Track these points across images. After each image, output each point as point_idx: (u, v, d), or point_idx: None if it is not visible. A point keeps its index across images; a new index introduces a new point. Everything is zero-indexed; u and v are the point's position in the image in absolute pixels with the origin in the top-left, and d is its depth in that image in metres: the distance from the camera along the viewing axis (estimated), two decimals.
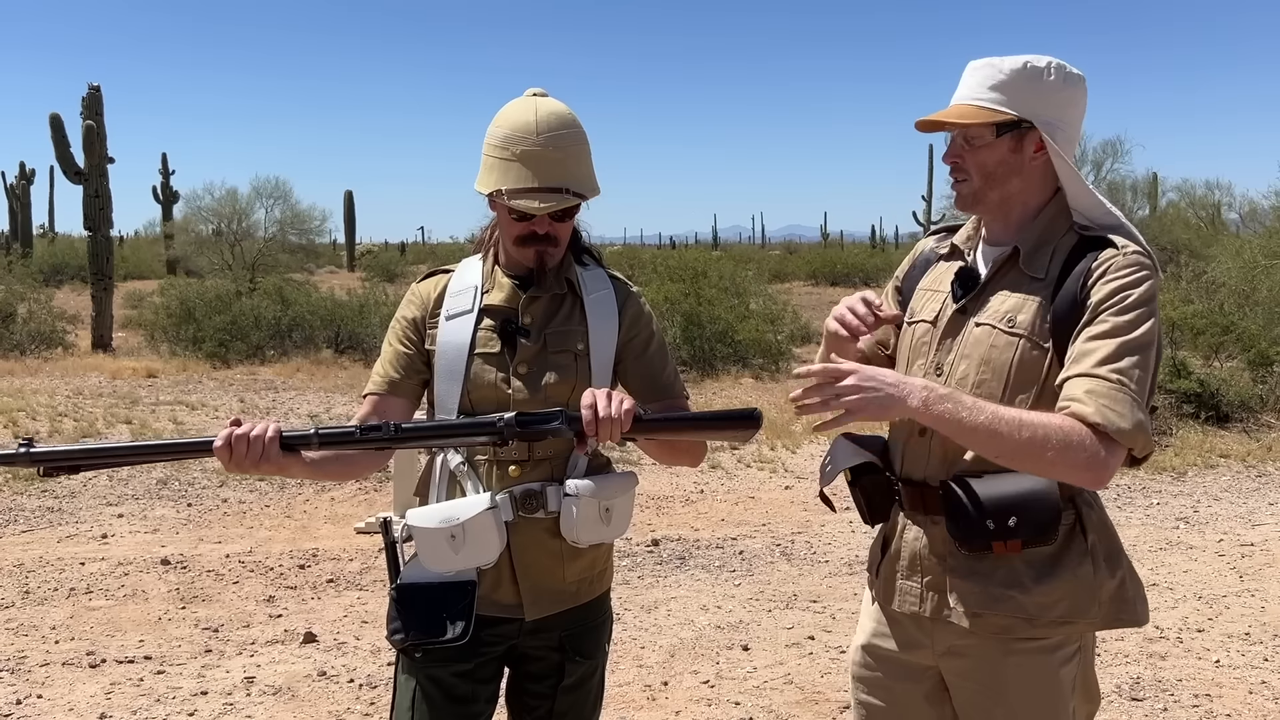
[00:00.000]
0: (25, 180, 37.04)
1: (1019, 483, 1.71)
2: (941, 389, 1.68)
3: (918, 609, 1.86)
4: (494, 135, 1.96)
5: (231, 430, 1.78)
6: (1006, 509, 1.70)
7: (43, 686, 3.96)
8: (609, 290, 2.06)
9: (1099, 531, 1.79)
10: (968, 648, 1.82)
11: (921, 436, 1.85)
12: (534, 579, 1.96)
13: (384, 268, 37.53)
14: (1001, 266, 1.83)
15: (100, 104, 17.25)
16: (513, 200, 1.91)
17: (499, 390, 1.96)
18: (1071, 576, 1.75)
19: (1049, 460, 1.62)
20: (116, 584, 5.19)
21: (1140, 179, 27.57)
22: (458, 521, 1.86)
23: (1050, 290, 1.76)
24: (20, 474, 7.32)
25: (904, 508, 1.89)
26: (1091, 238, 1.77)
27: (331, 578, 5.32)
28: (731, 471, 7.82)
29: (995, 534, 1.71)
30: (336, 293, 17.29)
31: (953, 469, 1.80)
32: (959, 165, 1.84)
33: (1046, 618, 1.75)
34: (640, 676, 4.07)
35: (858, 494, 1.94)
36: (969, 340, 1.81)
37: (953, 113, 1.81)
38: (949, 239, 2.00)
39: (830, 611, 4.81)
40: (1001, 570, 1.76)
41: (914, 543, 1.87)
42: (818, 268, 36.44)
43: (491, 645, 1.97)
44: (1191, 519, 6.44)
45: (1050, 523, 1.71)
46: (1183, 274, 14.78)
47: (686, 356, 12.93)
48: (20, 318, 15.71)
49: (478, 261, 2.07)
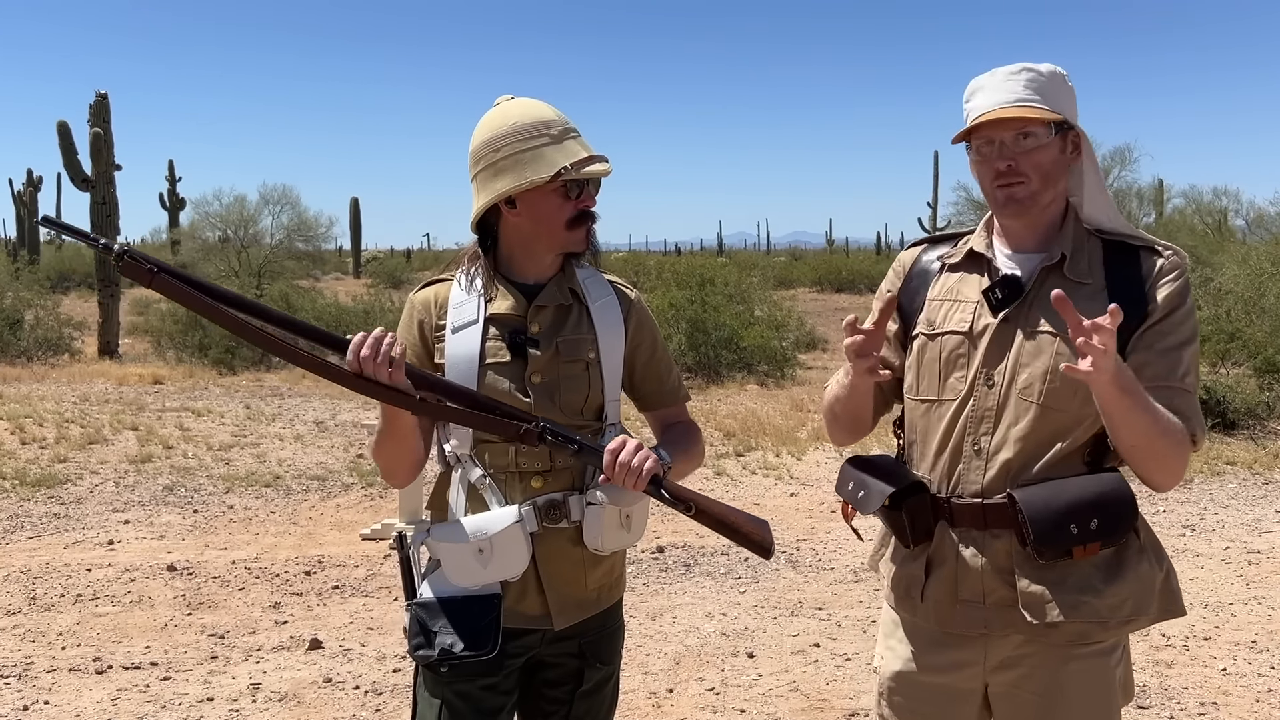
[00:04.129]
0: (33, 187, 37.15)
1: (1090, 485, 1.73)
2: (1131, 375, 1.65)
3: (985, 629, 1.82)
4: (514, 133, 1.92)
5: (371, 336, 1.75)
6: (1088, 511, 1.71)
7: (49, 692, 3.97)
8: (612, 297, 2.06)
9: (1144, 528, 1.82)
10: (1023, 657, 1.81)
11: (977, 453, 1.81)
12: (559, 588, 1.96)
13: (389, 274, 37.58)
14: (1042, 273, 1.81)
15: (108, 111, 17.33)
16: (583, 169, 1.91)
17: (515, 400, 1.94)
18: (1134, 575, 1.77)
19: (1172, 456, 1.69)
20: (123, 590, 5.20)
21: (1146, 186, 27.54)
22: (486, 535, 1.86)
23: (1101, 294, 1.75)
24: (28, 479, 7.35)
25: (953, 525, 1.83)
26: (1115, 242, 1.81)
27: (337, 584, 5.32)
28: (737, 479, 7.82)
29: (1077, 538, 1.71)
30: (342, 299, 17.34)
31: (1015, 482, 1.78)
32: (1013, 168, 1.79)
33: (1116, 618, 1.77)
34: (645, 684, 4.07)
35: (900, 518, 1.86)
36: (1025, 350, 1.79)
37: (1014, 110, 1.77)
38: (939, 248, 1.98)
39: (836, 619, 4.80)
40: (1073, 576, 1.75)
41: (973, 560, 1.82)
42: (823, 274, 36.47)
43: (515, 657, 1.96)
44: (1198, 526, 6.43)
45: (1128, 520, 1.74)
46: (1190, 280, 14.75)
47: (691, 363, 12.94)
48: (27, 324, 15.75)
49: (470, 276, 2.02)
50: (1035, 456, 1.77)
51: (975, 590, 1.81)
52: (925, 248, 2.02)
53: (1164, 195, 28.55)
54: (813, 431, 9.29)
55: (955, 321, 1.87)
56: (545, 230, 1.97)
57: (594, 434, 1.99)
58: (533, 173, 1.91)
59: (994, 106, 1.79)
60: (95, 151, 17.08)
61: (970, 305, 1.86)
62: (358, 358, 1.73)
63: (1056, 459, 1.76)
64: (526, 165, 1.91)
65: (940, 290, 1.93)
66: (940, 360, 1.87)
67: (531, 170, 1.91)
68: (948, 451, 1.84)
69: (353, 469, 7.94)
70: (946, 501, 1.83)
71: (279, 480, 7.62)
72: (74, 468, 7.90)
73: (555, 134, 1.93)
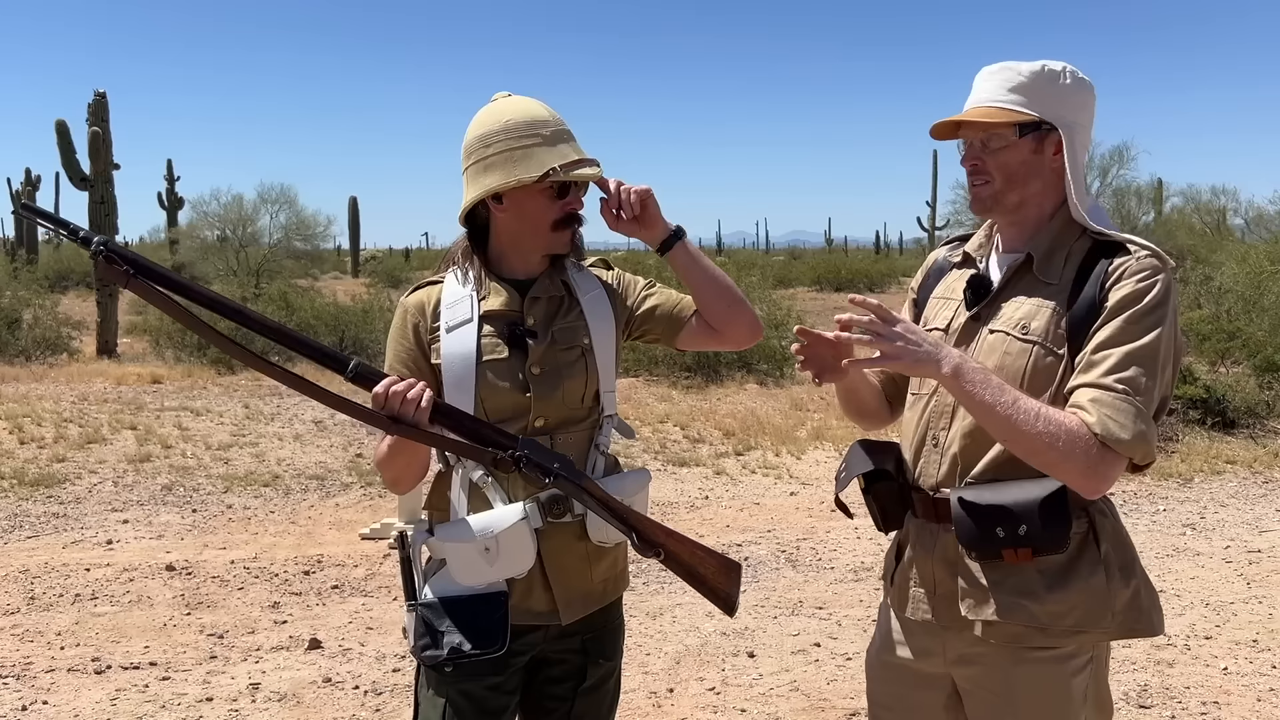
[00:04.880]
0: (31, 186, 37.11)
1: (1028, 490, 1.70)
2: (974, 363, 1.69)
3: (930, 616, 1.86)
4: (506, 130, 1.93)
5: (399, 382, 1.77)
6: (1016, 516, 1.69)
7: (48, 693, 3.96)
8: (600, 290, 2.08)
9: (1112, 541, 1.78)
10: (979, 655, 1.81)
11: (934, 446, 1.85)
12: (566, 583, 1.96)
13: (388, 273, 37.60)
14: (1015, 273, 1.83)
15: (106, 110, 17.31)
16: (571, 172, 1.92)
17: (515, 395, 1.94)
18: (1084, 586, 1.74)
19: (1053, 458, 1.63)
20: (122, 590, 5.19)
21: (1145, 185, 27.57)
22: (492, 534, 1.85)
23: (1065, 296, 1.75)
24: (26, 478, 7.34)
25: (916, 515, 1.89)
26: (1105, 242, 1.77)
27: (336, 584, 5.31)
28: (736, 478, 7.81)
29: (1005, 541, 1.70)
30: (340, 298, 17.31)
31: (964, 478, 1.80)
32: (979, 168, 1.83)
33: (1059, 627, 1.74)
34: (646, 683, 4.06)
35: (871, 501, 1.95)
36: (983, 347, 1.81)
37: (975, 114, 1.81)
38: (960, 247, 2.00)
39: (836, 619, 4.79)
40: (1013, 578, 1.75)
41: (926, 550, 1.87)
42: (822, 273, 36.43)
43: (520, 655, 1.96)
44: (1198, 525, 6.42)
45: (1060, 531, 1.70)
46: (1190, 278, 14.76)
47: (690, 362, 12.92)
48: (26, 324, 15.73)
49: (461, 274, 2.03)
50: (979, 453, 1.78)
51: (928, 580, 1.87)
52: (953, 245, 2.06)
53: (1163, 194, 28.57)
54: (812, 430, 9.29)
55: (940, 319, 1.92)
56: (530, 229, 1.98)
57: (593, 425, 2.02)
58: (522, 171, 1.92)
59: (970, 107, 1.83)
60: (94, 151, 17.06)
61: (954, 303, 1.91)
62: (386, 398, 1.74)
63: (1003, 458, 1.75)
64: (517, 163, 1.92)
65: (942, 288, 1.99)
66: None
67: (521, 169, 1.92)
68: (914, 443, 1.90)
69: (352, 468, 7.93)
70: (912, 491, 1.89)
71: (278, 480, 7.61)
72: (72, 467, 7.89)
73: (547, 134, 1.94)
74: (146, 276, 1.69)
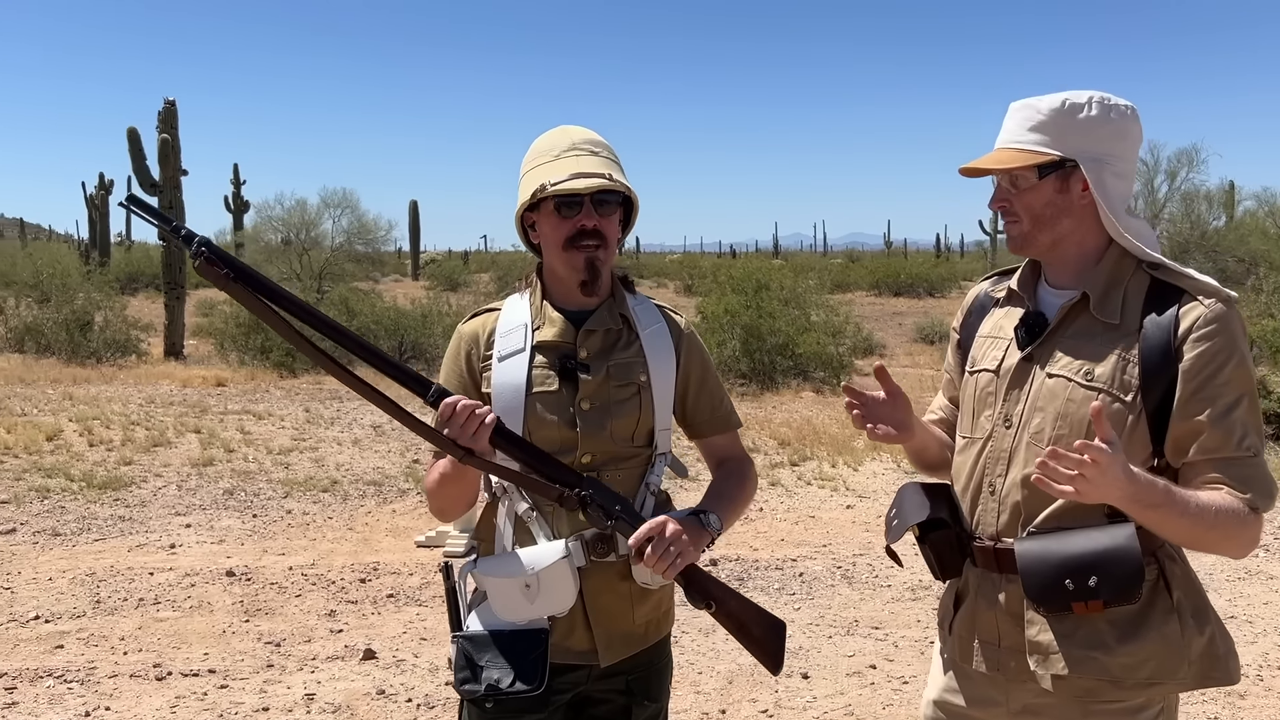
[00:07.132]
0: (104, 190, 38.16)
1: (1096, 539, 1.64)
2: (1158, 489, 1.57)
3: (996, 670, 1.80)
4: (530, 157, 1.99)
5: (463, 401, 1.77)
6: (1085, 568, 1.63)
7: (110, 699, 4.04)
8: (662, 325, 2.04)
9: (1184, 587, 1.72)
10: (1046, 707, 1.76)
11: (992, 494, 1.79)
12: (607, 624, 1.93)
13: (447, 276, 38.01)
14: (1069, 312, 1.76)
15: (175, 118, 17.74)
16: (558, 186, 1.88)
17: (563, 430, 1.92)
18: (1158, 636, 1.68)
19: (1225, 542, 1.62)
20: (183, 595, 5.28)
21: (1215, 188, 26.80)
22: (534, 571, 1.83)
23: (1129, 339, 1.69)
24: (95, 481, 7.52)
25: (975, 564, 1.83)
26: (1164, 282, 1.71)
27: (392, 592, 5.35)
28: (791, 489, 7.73)
29: (1074, 595, 1.64)
30: (400, 301, 17.52)
31: (1025, 527, 1.74)
32: (1008, 208, 1.79)
33: (1132, 679, 1.68)
34: (698, 704, 4.02)
35: (927, 551, 1.88)
36: (1041, 392, 1.75)
37: (992, 159, 1.77)
38: (1004, 282, 1.94)
39: (893, 639, 4.71)
40: (1083, 630, 1.69)
41: (989, 602, 1.81)
42: (881, 277, 35.98)
43: (561, 693, 1.93)
44: (1272, 546, 6.21)
45: (1133, 581, 1.63)
46: (1263, 286, 14.32)
47: (746, 369, 12.85)
48: (97, 326, 16.18)
49: (522, 300, 2.03)
50: (1041, 502, 1.72)
51: (990, 631, 1.81)
52: (994, 280, 2.00)
53: (1235, 198, 27.73)
54: (869, 441, 9.15)
55: (989, 359, 1.86)
56: (549, 250, 1.98)
57: (644, 462, 1.97)
58: (524, 194, 1.95)
59: (996, 147, 1.80)
60: (163, 157, 17.50)
61: (1004, 343, 1.85)
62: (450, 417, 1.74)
63: (1066, 506, 1.69)
64: (526, 188, 1.95)
65: (989, 326, 1.93)
66: (974, 398, 1.87)
67: (524, 192, 1.95)
68: (970, 490, 1.84)
69: (408, 474, 8.00)
70: (971, 540, 1.83)
71: (336, 485, 7.71)
72: (139, 470, 8.07)
73: (556, 154, 1.93)
74: (244, 281, 1.71)
